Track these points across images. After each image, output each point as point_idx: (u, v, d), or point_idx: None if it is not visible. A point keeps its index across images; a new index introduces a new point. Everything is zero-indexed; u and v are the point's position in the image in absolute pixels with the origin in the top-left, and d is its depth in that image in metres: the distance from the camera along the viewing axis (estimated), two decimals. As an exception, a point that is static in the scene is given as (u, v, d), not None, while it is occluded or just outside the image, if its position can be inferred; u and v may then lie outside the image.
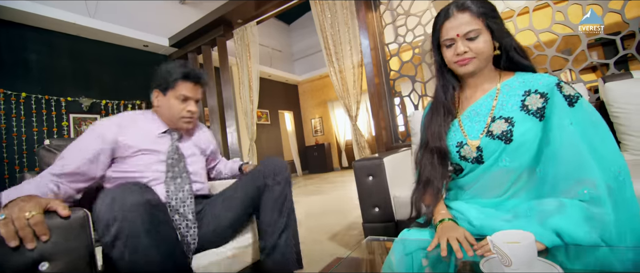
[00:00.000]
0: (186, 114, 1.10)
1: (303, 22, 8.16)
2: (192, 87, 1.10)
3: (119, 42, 4.54)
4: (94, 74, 4.24)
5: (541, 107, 0.70)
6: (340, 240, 2.00)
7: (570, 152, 0.64)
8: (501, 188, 0.75)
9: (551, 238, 0.59)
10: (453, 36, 0.74)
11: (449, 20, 0.75)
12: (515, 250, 0.49)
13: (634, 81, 1.31)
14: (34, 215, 0.63)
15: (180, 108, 1.09)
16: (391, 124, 2.37)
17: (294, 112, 8.47)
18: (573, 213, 0.60)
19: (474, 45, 0.72)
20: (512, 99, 0.74)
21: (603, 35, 1.67)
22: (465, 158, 0.79)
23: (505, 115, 0.74)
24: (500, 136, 0.72)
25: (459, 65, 0.76)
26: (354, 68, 2.79)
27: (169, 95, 1.09)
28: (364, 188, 1.50)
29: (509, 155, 0.72)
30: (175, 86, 1.08)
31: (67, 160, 0.91)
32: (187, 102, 1.10)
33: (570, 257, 0.58)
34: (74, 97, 3.95)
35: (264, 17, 3.63)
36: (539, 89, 0.71)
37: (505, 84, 0.77)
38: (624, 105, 1.29)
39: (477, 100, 0.80)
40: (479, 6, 0.73)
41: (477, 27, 0.72)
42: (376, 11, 2.46)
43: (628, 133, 1.28)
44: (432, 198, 0.80)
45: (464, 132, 0.79)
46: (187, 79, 1.09)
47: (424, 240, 0.74)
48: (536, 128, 0.70)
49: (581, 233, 0.58)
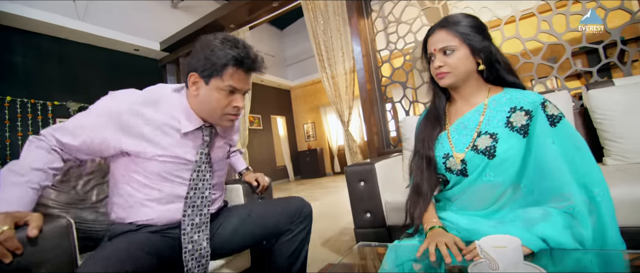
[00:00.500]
0: (232, 110, 0.86)
1: (296, 28, 8.20)
2: (244, 75, 0.84)
3: (109, 45, 4.48)
4: (83, 78, 4.17)
5: (525, 124, 0.73)
6: (332, 246, 1.99)
7: (553, 170, 0.67)
8: (487, 202, 0.77)
9: (537, 243, 0.62)
10: (431, 51, 0.80)
11: (431, 36, 0.81)
12: (501, 254, 0.50)
13: (615, 88, 1.35)
14: (3, 230, 0.59)
15: (226, 103, 0.84)
16: (383, 130, 2.39)
17: (286, 117, 8.46)
18: (557, 221, 0.63)
19: (449, 60, 0.77)
20: (498, 114, 0.77)
21: (586, 44, 1.73)
22: (451, 170, 0.81)
23: (491, 130, 0.76)
24: (484, 151, 0.75)
25: (438, 79, 0.80)
26: (346, 74, 2.81)
27: (212, 85, 0.81)
28: (356, 193, 1.50)
29: (493, 170, 0.75)
30: (222, 74, 0.80)
31: (71, 130, 0.78)
32: (234, 94, 0.85)
33: (555, 260, 0.61)
34: (61, 102, 3.88)
35: (256, 22, 3.64)
36: (525, 107, 0.74)
37: (493, 99, 0.80)
38: (606, 112, 1.33)
39: (465, 114, 0.82)
40: (461, 24, 0.77)
41: (453, 44, 0.76)
42: (368, 18, 2.49)
43: (610, 139, 1.32)
44: (422, 203, 0.81)
45: (452, 144, 0.82)
46: (241, 66, 0.82)
47: (416, 246, 0.75)
48: (519, 144, 0.73)
49: (565, 239, 0.61)
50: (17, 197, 0.68)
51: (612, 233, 0.62)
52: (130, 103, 0.81)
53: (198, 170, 0.87)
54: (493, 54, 0.77)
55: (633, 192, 0.95)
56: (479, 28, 0.77)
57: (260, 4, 3.29)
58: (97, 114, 0.80)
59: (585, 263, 0.59)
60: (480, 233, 0.68)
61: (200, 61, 0.80)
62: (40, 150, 0.75)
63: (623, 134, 1.27)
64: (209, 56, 0.79)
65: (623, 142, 1.27)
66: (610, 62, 1.68)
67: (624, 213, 0.96)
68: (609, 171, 1.20)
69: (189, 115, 0.86)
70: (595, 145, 1.44)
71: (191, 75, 0.82)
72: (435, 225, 0.76)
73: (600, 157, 1.41)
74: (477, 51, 0.76)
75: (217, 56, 0.79)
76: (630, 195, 0.95)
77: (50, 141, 0.77)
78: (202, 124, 0.88)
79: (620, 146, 1.28)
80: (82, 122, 0.80)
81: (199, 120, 0.87)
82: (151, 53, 4.85)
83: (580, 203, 0.63)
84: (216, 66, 0.79)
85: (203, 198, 0.88)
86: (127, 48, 4.63)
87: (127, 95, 0.83)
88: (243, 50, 0.81)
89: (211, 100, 0.83)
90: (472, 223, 0.74)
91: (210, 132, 0.91)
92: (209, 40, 0.82)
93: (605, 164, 1.35)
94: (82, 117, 0.81)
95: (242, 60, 0.80)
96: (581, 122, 1.52)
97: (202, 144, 0.89)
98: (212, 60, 0.79)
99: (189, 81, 0.84)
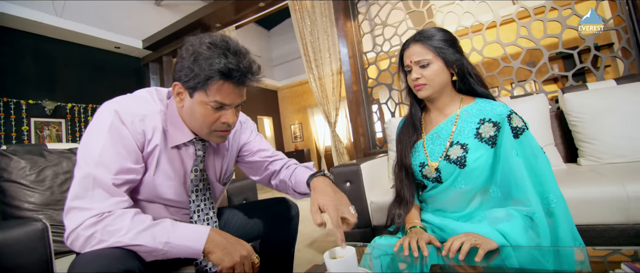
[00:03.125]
0: (221, 127, 0.73)
1: (283, 29, 8.17)
2: (233, 89, 0.69)
3: (88, 42, 4.32)
4: (60, 76, 4.00)
5: (493, 136, 0.79)
6: (317, 247, 1.99)
7: (517, 179, 0.74)
8: (460, 205, 0.84)
9: (500, 239, 0.69)
10: (408, 63, 0.84)
11: (407, 49, 0.85)
12: (333, 264, 0.57)
13: (589, 92, 1.42)
14: None
15: (213, 119, 0.71)
16: (369, 131, 2.41)
17: (273, 117, 8.40)
18: (518, 223, 0.70)
19: (425, 73, 0.81)
20: (468, 125, 0.82)
21: (562, 50, 1.81)
22: (427, 178, 0.87)
23: (462, 141, 0.82)
24: (456, 161, 0.80)
25: (416, 90, 0.85)
26: (333, 75, 2.83)
27: (196, 98, 0.69)
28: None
29: (464, 178, 0.80)
30: (207, 87, 0.67)
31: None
32: (223, 110, 0.72)
33: (513, 257, 0.67)
34: (36, 100, 3.71)
35: (243, 22, 3.60)
36: (493, 118, 0.80)
37: (465, 110, 0.85)
38: (580, 115, 1.39)
39: (439, 124, 0.87)
40: (434, 38, 0.81)
41: (428, 57, 0.81)
42: (355, 20, 2.51)
43: (584, 140, 1.38)
44: (403, 208, 0.87)
45: (427, 153, 0.87)
46: (229, 79, 0.67)
47: (394, 244, 0.79)
48: (488, 154, 0.79)
49: (521, 238, 0.69)
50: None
51: (564, 234, 0.70)
52: (134, 118, 0.73)
53: (197, 189, 0.84)
54: (465, 66, 0.83)
55: (603, 192, 1.00)
56: (451, 41, 0.82)
57: (246, 4, 3.26)
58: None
59: (541, 260, 0.66)
60: (452, 232, 0.76)
61: (183, 69, 0.68)
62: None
63: (596, 135, 1.34)
64: (192, 66, 0.66)
65: (596, 143, 1.33)
66: (584, 67, 1.76)
67: (594, 211, 1.01)
68: (582, 171, 1.25)
69: (179, 125, 0.78)
70: (571, 146, 1.51)
71: (175, 84, 0.72)
72: (416, 225, 0.81)
73: (575, 157, 1.48)
74: (451, 63, 0.81)
75: (200, 67, 0.65)
76: (601, 194, 1.00)
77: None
78: (193, 138, 0.79)
79: (593, 147, 1.34)
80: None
81: (189, 132, 0.78)
82: (133, 51, 4.71)
83: (539, 209, 0.71)
84: (199, 78, 0.66)
85: (208, 219, 0.88)
86: (108, 46, 4.48)
87: (126, 102, 0.75)
88: (234, 59, 0.67)
89: (196, 116, 0.71)
90: (445, 223, 0.80)
91: (205, 145, 0.83)
92: (195, 45, 0.68)
93: (579, 164, 1.41)
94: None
95: (229, 72, 0.66)
96: (557, 124, 1.58)
97: (195, 157, 0.82)
98: (195, 71, 0.66)
99: (173, 91, 0.73)
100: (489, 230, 0.70)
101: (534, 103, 1.51)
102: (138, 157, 0.70)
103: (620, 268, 0.49)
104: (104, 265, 0.55)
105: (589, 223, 1.01)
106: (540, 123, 1.47)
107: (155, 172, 0.74)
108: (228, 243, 0.68)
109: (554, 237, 0.71)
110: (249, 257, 0.69)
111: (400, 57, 0.88)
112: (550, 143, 1.48)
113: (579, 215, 1.01)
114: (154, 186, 0.75)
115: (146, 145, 0.72)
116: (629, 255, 0.61)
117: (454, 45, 0.82)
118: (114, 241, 0.59)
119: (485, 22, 2.04)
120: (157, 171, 0.75)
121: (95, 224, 0.59)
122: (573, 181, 1.09)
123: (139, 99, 0.75)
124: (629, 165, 1.19)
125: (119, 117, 0.67)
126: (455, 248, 0.66)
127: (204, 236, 0.66)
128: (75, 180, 0.63)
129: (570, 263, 0.66)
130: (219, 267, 0.65)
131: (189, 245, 0.64)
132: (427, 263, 0.68)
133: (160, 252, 0.62)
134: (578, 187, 1.04)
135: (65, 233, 0.60)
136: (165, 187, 0.77)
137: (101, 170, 0.63)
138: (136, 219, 0.63)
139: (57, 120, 3.86)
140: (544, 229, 0.71)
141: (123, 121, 0.68)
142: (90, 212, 0.60)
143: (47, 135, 3.77)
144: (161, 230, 0.63)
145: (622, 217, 0.96)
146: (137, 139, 0.70)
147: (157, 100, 0.77)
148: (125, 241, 0.59)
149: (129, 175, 0.67)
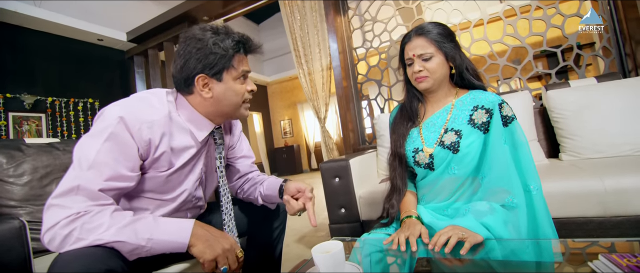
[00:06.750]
0: (248, 96, 0.83)
1: (273, 23, 8.07)
2: (246, 58, 0.83)
3: (69, 34, 4.16)
4: (39, 68, 3.85)
5: (485, 122, 0.81)
6: (307, 242, 2.00)
7: (502, 166, 0.77)
8: (449, 193, 0.86)
9: (485, 232, 0.71)
10: (411, 56, 0.86)
11: (409, 43, 0.87)
12: (321, 259, 0.58)
13: (571, 90, 1.46)
14: None
15: (243, 90, 0.81)
16: (358, 126, 2.42)
17: (262, 113, 8.34)
18: (499, 216, 0.73)
19: (428, 65, 0.84)
20: (462, 113, 0.85)
21: (546, 48, 1.85)
22: (419, 164, 0.88)
23: (456, 127, 0.84)
24: (449, 146, 0.83)
25: (418, 82, 0.87)
26: (323, 70, 2.82)
27: (226, 78, 0.77)
28: (331, 189, 1.52)
29: (457, 163, 0.83)
30: (232, 62, 0.77)
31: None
32: (246, 79, 0.83)
33: (498, 248, 0.69)
34: (14, 94, 3.56)
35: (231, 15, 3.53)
36: (485, 105, 0.83)
37: (459, 100, 0.88)
38: (562, 112, 1.43)
39: (435, 113, 0.90)
40: (434, 32, 0.84)
41: (431, 50, 0.83)
42: (345, 16, 2.50)
43: (565, 136, 1.42)
44: (396, 197, 0.88)
45: (423, 139, 0.89)
46: (243, 50, 0.80)
47: (384, 239, 0.80)
48: (479, 140, 0.81)
49: (503, 231, 0.72)
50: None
51: (543, 221, 0.74)
52: (142, 124, 0.74)
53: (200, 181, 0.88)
54: (463, 60, 0.85)
55: (583, 186, 1.03)
56: (449, 36, 0.85)
57: (235, -3, 3.20)
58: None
59: (522, 252, 0.69)
60: (439, 225, 0.78)
61: (201, 61, 0.74)
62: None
63: (577, 131, 1.38)
64: (213, 51, 0.74)
65: (577, 139, 1.38)
66: (567, 65, 1.81)
67: (573, 205, 1.04)
68: (563, 166, 1.29)
69: (199, 120, 0.82)
70: (553, 142, 1.56)
71: (198, 77, 0.75)
72: (411, 215, 0.82)
73: (557, 153, 1.52)
74: (450, 57, 0.84)
75: (222, 48, 0.74)
76: (580, 188, 1.03)
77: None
78: (212, 128, 0.85)
79: (574, 143, 1.39)
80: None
81: (209, 123, 0.82)
82: (117, 44, 4.57)
83: (520, 196, 0.75)
84: (224, 58, 0.75)
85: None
86: (90, 38, 4.32)
87: (130, 105, 0.76)
88: (235, 35, 0.78)
89: (230, 94, 0.79)
90: (433, 218, 0.83)
91: (219, 133, 0.89)
92: (199, 37, 0.75)
93: (560, 160, 1.45)
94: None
95: (241, 44, 0.78)
96: (541, 120, 1.62)
97: (206, 146, 0.87)
98: (218, 54, 0.74)
99: (197, 85, 0.76)
100: (474, 224, 0.72)
101: (518, 100, 1.54)
102: (135, 165, 0.69)
103: (598, 259, 0.51)
104: (84, 265, 0.53)
105: (568, 217, 1.04)
106: (524, 119, 1.50)
107: (181, 169, 0.79)
108: (211, 236, 0.68)
109: (533, 224, 0.74)
110: (232, 250, 0.69)
111: (401, 50, 0.90)
112: (533, 139, 1.52)
113: (559, 208, 1.04)
114: (179, 182, 0.81)
115: (152, 152, 0.72)
116: (606, 247, 0.63)
117: (453, 40, 0.85)
118: (93, 239, 0.57)
119: (473, 20, 2.07)
120: (184, 168, 0.80)
121: (72, 222, 0.57)
122: (554, 176, 1.13)
123: (145, 103, 0.74)
124: (607, 160, 1.23)
125: (124, 124, 0.67)
126: (441, 242, 0.67)
127: (188, 230, 0.65)
128: (64, 178, 0.62)
129: (549, 255, 0.68)
130: (201, 260, 0.65)
131: (174, 240, 0.63)
132: (415, 257, 0.69)
133: (143, 248, 0.61)
134: (559, 181, 1.07)
135: (41, 231, 0.58)
136: (191, 182, 0.83)
137: (93, 173, 0.62)
138: (116, 215, 0.61)
139: (37, 115, 3.72)
140: (523, 217, 0.74)
141: (129, 128, 0.67)
142: (70, 210, 0.58)
143: (27, 130, 3.63)
144: (143, 226, 0.62)
145: (600, 210, 1.00)
146: (141, 147, 0.69)
147: (166, 102, 0.78)
148: (105, 238, 0.57)
149: (121, 182, 0.66)
